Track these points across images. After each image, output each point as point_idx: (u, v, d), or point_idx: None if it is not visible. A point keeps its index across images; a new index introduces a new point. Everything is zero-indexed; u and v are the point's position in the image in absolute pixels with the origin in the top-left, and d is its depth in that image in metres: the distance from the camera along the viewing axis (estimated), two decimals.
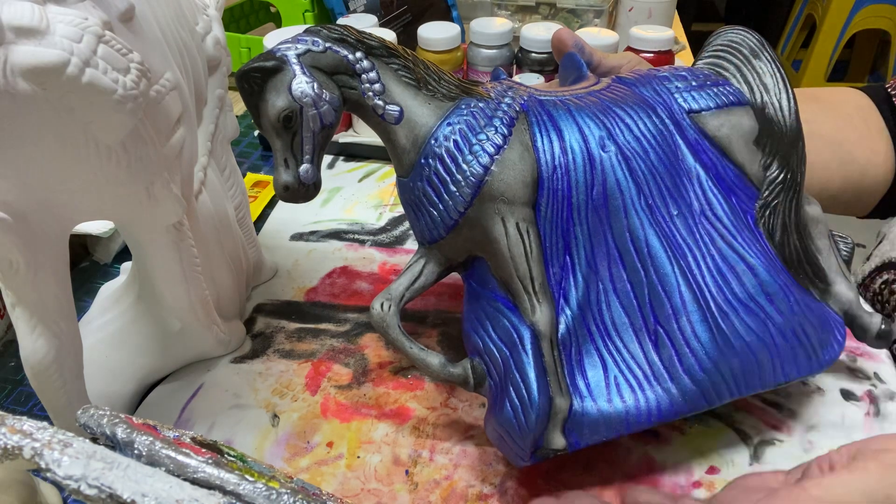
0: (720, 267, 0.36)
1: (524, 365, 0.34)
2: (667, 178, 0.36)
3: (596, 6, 0.86)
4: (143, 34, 0.32)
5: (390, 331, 0.37)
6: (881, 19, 2.28)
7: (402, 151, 0.37)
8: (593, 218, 0.35)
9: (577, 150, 0.36)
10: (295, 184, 0.35)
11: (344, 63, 0.35)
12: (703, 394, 0.34)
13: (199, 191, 0.42)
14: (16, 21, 0.25)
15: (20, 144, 0.28)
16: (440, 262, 0.39)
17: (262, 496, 0.24)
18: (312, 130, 0.35)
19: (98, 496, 0.21)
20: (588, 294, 0.35)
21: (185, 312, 0.41)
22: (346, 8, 0.80)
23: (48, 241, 0.32)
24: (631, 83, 0.39)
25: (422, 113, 0.36)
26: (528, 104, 0.37)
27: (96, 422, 0.25)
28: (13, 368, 0.47)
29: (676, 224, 0.36)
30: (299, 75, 0.34)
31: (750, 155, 0.38)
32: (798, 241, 0.38)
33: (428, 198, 0.36)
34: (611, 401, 0.34)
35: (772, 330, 0.35)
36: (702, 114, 0.38)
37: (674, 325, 0.35)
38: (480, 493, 0.38)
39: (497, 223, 0.35)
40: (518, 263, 0.35)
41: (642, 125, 0.37)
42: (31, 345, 0.33)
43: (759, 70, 0.39)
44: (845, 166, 0.53)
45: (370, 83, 0.36)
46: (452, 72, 0.75)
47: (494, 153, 0.35)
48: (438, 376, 0.37)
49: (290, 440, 0.41)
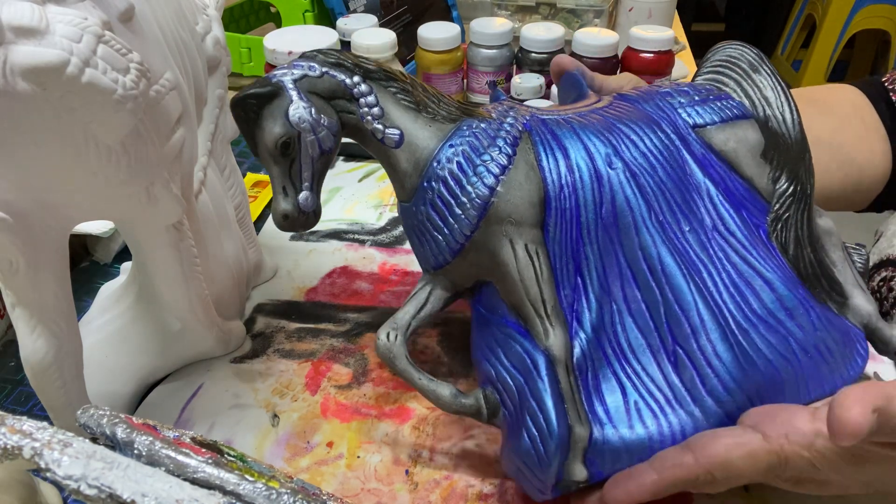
0: (736, 283, 0.34)
1: (540, 392, 0.33)
2: (676, 193, 0.35)
3: (596, 6, 0.86)
4: (143, 34, 0.32)
5: (398, 362, 0.36)
6: (881, 19, 2.28)
7: (404, 175, 0.36)
8: (603, 237, 0.34)
9: (584, 168, 0.35)
10: (294, 212, 0.34)
11: (341, 87, 0.35)
12: (728, 415, 0.32)
13: (199, 191, 0.42)
14: (15, 21, 0.25)
15: (20, 144, 0.28)
16: (447, 288, 0.38)
17: (262, 496, 0.24)
18: (311, 157, 0.34)
19: (98, 496, 0.21)
20: (602, 316, 0.34)
21: (185, 312, 0.41)
22: (346, 8, 0.80)
23: (48, 241, 0.32)
24: (633, 100, 0.39)
25: (423, 136, 0.35)
26: (530, 124, 0.36)
27: (96, 422, 0.25)
28: (13, 368, 0.47)
29: (689, 240, 0.35)
30: (296, 101, 0.33)
31: (758, 168, 0.37)
32: (812, 254, 0.37)
33: (432, 222, 0.35)
34: (632, 427, 0.32)
35: (794, 346, 0.34)
36: (707, 128, 0.37)
37: (693, 345, 0.33)
38: (480, 493, 0.38)
39: (505, 246, 0.34)
40: (528, 287, 0.34)
41: (648, 141, 0.36)
42: (31, 345, 0.33)
43: (759, 84, 0.39)
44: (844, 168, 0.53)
45: (369, 107, 0.35)
46: (452, 72, 0.76)
47: (500, 174, 0.34)
48: (450, 407, 0.35)
49: (290, 440, 0.41)
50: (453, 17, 0.91)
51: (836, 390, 0.33)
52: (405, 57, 0.81)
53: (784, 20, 2.61)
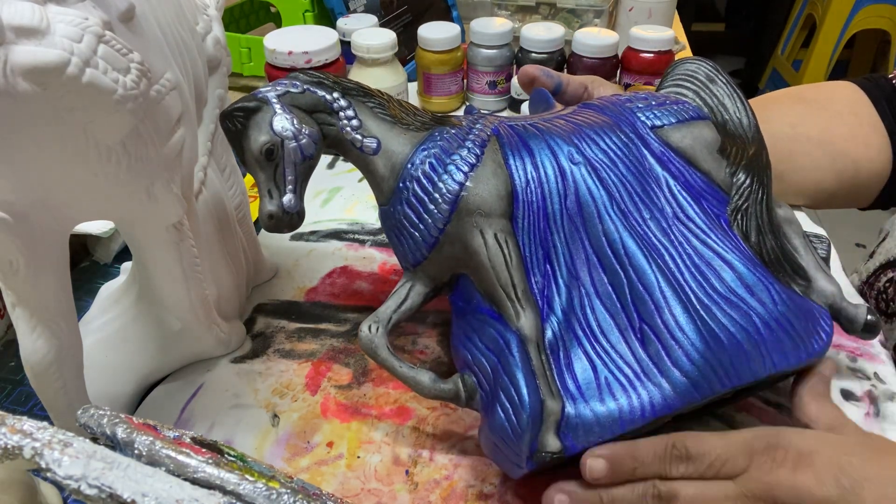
0: (697, 264, 0.37)
1: (512, 367, 0.34)
2: (637, 185, 0.38)
3: (596, 6, 0.86)
4: (144, 34, 0.32)
5: (379, 351, 0.38)
6: (881, 19, 2.28)
7: (382, 180, 0.39)
8: (569, 226, 0.37)
9: (548, 164, 0.38)
10: (279, 212, 0.37)
11: (322, 102, 0.38)
12: (695, 386, 0.34)
13: (199, 191, 0.42)
14: (16, 21, 0.25)
15: (20, 144, 0.28)
16: (426, 284, 0.40)
17: (262, 496, 0.24)
18: (294, 162, 0.37)
19: (98, 496, 0.21)
20: (571, 300, 0.36)
21: (185, 312, 0.41)
22: (346, 8, 0.80)
23: (48, 241, 0.32)
24: (595, 107, 0.42)
25: (398, 142, 0.38)
26: (498, 129, 0.39)
27: (96, 422, 0.25)
28: (13, 368, 0.47)
29: (650, 226, 0.37)
30: (279, 112, 0.36)
31: (715, 163, 0.40)
32: (774, 240, 0.39)
33: (408, 219, 0.38)
34: (603, 401, 0.34)
35: (755, 320, 0.35)
36: (664, 128, 0.40)
37: (657, 321, 0.35)
38: (480, 493, 0.38)
39: (476, 235, 0.36)
40: (499, 272, 0.36)
41: (609, 140, 0.39)
42: (31, 345, 0.33)
43: (716, 93, 0.41)
44: (837, 164, 0.53)
45: (348, 119, 0.38)
46: (452, 72, 0.76)
47: (468, 170, 0.37)
48: (430, 393, 0.37)
49: (290, 440, 0.41)
50: (453, 17, 0.91)
51: (801, 363, 0.36)
52: (405, 57, 0.81)
53: (784, 20, 2.61)
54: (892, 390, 0.43)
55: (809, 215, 0.57)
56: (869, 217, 0.68)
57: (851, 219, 0.60)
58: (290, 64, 0.66)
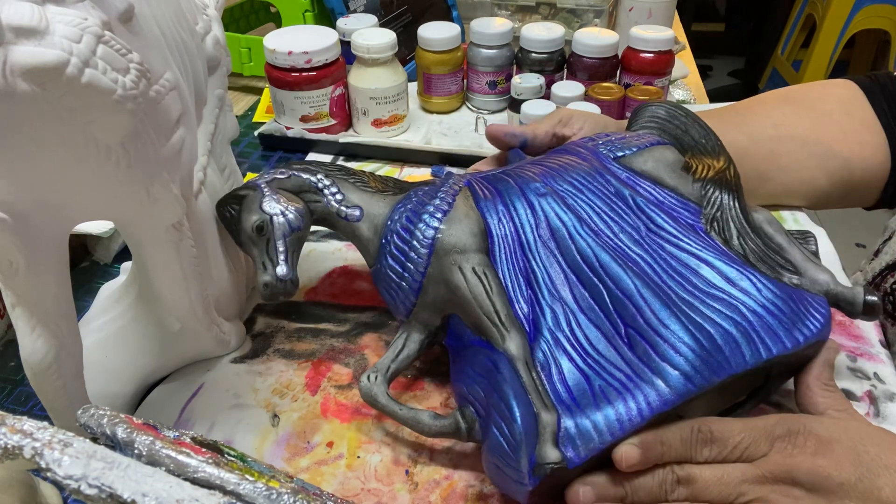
0: (673, 266, 0.38)
1: (501, 385, 0.35)
2: (604, 206, 0.40)
3: (596, 6, 0.86)
4: (143, 34, 0.32)
5: (379, 398, 0.39)
6: (881, 19, 2.28)
7: (368, 242, 0.43)
8: (545, 251, 0.39)
9: (517, 200, 0.40)
10: (273, 281, 0.40)
11: (307, 183, 0.43)
12: (688, 379, 0.34)
13: (199, 191, 0.42)
14: (15, 21, 0.25)
15: (20, 144, 0.28)
16: (420, 331, 0.41)
17: (262, 496, 0.24)
18: (283, 235, 0.41)
19: (98, 496, 0.21)
20: (557, 318, 0.37)
21: (185, 312, 0.41)
22: (346, 8, 0.80)
23: (48, 241, 0.32)
24: (561, 151, 0.45)
25: (378, 206, 0.43)
26: (469, 181, 0.43)
27: (96, 422, 0.25)
28: (13, 368, 0.47)
29: (623, 240, 0.39)
30: (267, 194, 0.42)
31: (680, 179, 0.42)
32: (757, 241, 0.40)
33: (394, 271, 0.41)
34: (599, 408, 0.34)
35: (741, 309, 0.36)
36: (626, 156, 0.43)
37: (640, 322, 0.35)
38: (480, 493, 0.38)
39: (455, 272, 0.39)
40: (481, 301, 0.38)
41: (574, 173, 0.42)
42: (30, 345, 0.33)
43: (679, 126, 0.45)
44: (826, 163, 0.53)
45: (331, 194, 0.43)
46: (452, 72, 0.76)
47: (442, 216, 0.40)
48: (431, 430, 0.38)
49: (290, 440, 0.41)
50: (453, 17, 0.91)
51: (798, 346, 0.36)
52: (405, 57, 0.81)
53: (784, 20, 2.61)
54: (891, 390, 0.43)
55: (809, 216, 0.57)
56: (869, 217, 0.68)
57: (851, 219, 0.60)
58: (290, 64, 0.66)
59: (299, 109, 0.70)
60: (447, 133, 0.74)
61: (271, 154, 0.73)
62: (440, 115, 0.78)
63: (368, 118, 0.71)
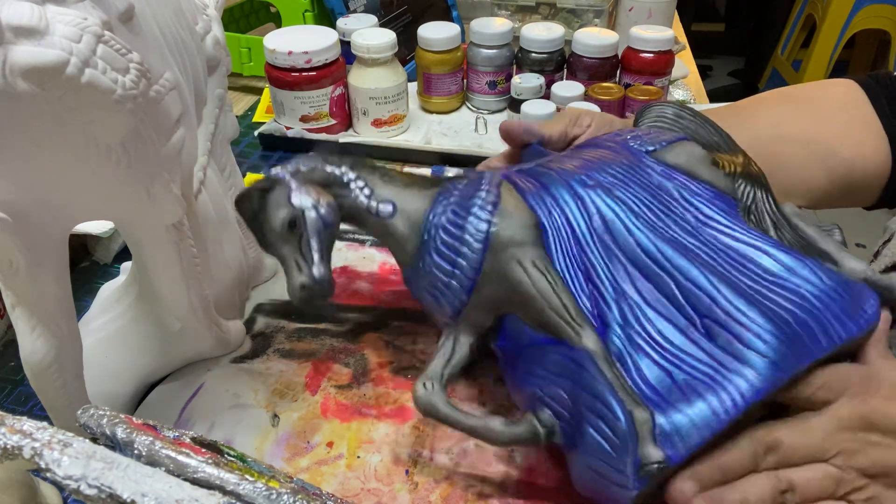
0: (734, 257, 0.37)
1: (592, 383, 0.33)
2: (652, 200, 0.38)
3: (596, 6, 0.86)
4: (143, 34, 0.32)
5: (440, 408, 0.36)
6: (881, 19, 2.28)
7: (404, 240, 0.39)
8: (601, 245, 0.37)
9: (564, 193, 0.38)
10: (310, 282, 0.37)
11: (332, 176, 0.39)
12: (776, 366, 0.33)
13: (199, 191, 0.42)
14: (15, 21, 0.25)
15: (20, 144, 0.28)
16: (469, 334, 0.39)
17: (262, 496, 0.24)
18: (317, 230, 0.37)
19: (98, 496, 0.21)
20: (624, 314, 0.35)
21: (185, 312, 0.41)
22: (346, 8, 0.80)
23: (48, 241, 0.32)
24: (590, 145, 0.43)
25: (413, 200, 0.39)
26: (507, 174, 0.40)
27: (96, 422, 0.25)
28: (13, 368, 0.47)
29: (678, 231, 0.37)
30: (295, 187, 0.38)
31: (713, 173, 0.41)
32: (792, 232, 0.40)
33: (440, 268, 0.38)
34: (691, 402, 0.32)
35: (807, 296, 0.35)
36: (657, 151, 0.41)
37: (717, 311, 0.34)
38: (480, 493, 0.38)
39: (515, 267, 0.36)
40: (548, 297, 0.35)
41: (615, 167, 0.39)
42: (30, 345, 0.33)
43: (688, 126, 0.44)
44: (826, 163, 0.53)
45: (360, 188, 0.39)
46: (452, 72, 0.76)
47: (492, 209, 0.37)
48: (505, 438, 0.35)
49: (290, 440, 0.41)
50: (453, 17, 0.91)
51: (862, 330, 0.35)
52: (405, 57, 0.81)
53: (784, 20, 2.61)
54: None
55: None
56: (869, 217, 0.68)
57: (851, 219, 0.60)
58: (290, 64, 0.66)
59: (299, 109, 0.70)
60: (447, 133, 0.74)
61: (271, 154, 0.73)
62: (440, 115, 0.78)
63: (368, 118, 0.71)
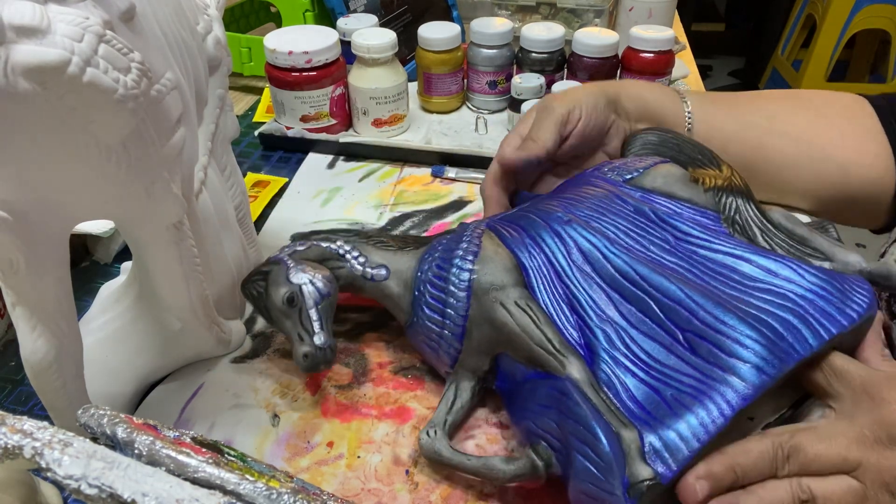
0: (712, 268, 0.37)
1: (574, 410, 0.34)
2: (629, 225, 0.40)
3: (596, 6, 0.86)
4: (144, 34, 0.32)
5: (444, 453, 0.38)
6: (881, 19, 2.28)
7: (399, 298, 0.43)
8: (582, 275, 0.38)
9: (543, 232, 0.40)
10: (313, 351, 0.40)
11: (328, 251, 0.44)
12: (760, 370, 0.33)
13: (200, 191, 0.42)
14: (17, 20, 0.25)
15: (21, 144, 0.28)
16: (469, 378, 0.41)
17: (262, 496, 0.24)
18: (315, 302, 0.41)
19: (98, 496, 0.21)
20: (610, 338, 0.36)
21: (185, 312, 0.41)
22: (346, 8, 0.80)
23: (48, 240, 0.32)
24: (569, 183, 0.46)
25: (403, 262, 0.43)
26: (489, 223, 0.43)
27: (96, 421, 0.25)
28: (13, 368, 0.47)
29: (656, 252, 0.39)
30: (292, 266, 0.42)
31: (692, 190, 0.42)
32: (781, 235, 0.41)
33: (432, 320, 0.41)
34: (679, 417, 0.33)
35: (790, 296, 0.35)
36: (634, 178, 0.43)
37: (697, 324, 0.35)
38: (480, 493, 0.38)
39: (498, 309, 0.38)
40: (531, 332, 0.37)
41: (592, 200, 0.42)
42: (31, 344, 0.33)
43: (672, 147, 0.46)
44: (817, 164, 0.52)
45: (353, 258, 0.44)
46: (453, 72, 0.76)
47: (473, 258, 0.40)
48: (506, 474, 0.36)
49: (290, 440, 0.41)
50: (453, 16, 0.91)
51: (853, 322, 0.35)
52: (405, 57, 0.81)
53: (784, 20, 2.61)
54: None
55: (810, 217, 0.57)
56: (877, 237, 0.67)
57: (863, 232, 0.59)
58: (290, 64, 0.66)
59: (299, 109, 0.70)
60: (447, 133, 0.74)
61: (271, 154, 0.73)
62: (440, 115, 0.78)
63: (368, 118, 0.71)
